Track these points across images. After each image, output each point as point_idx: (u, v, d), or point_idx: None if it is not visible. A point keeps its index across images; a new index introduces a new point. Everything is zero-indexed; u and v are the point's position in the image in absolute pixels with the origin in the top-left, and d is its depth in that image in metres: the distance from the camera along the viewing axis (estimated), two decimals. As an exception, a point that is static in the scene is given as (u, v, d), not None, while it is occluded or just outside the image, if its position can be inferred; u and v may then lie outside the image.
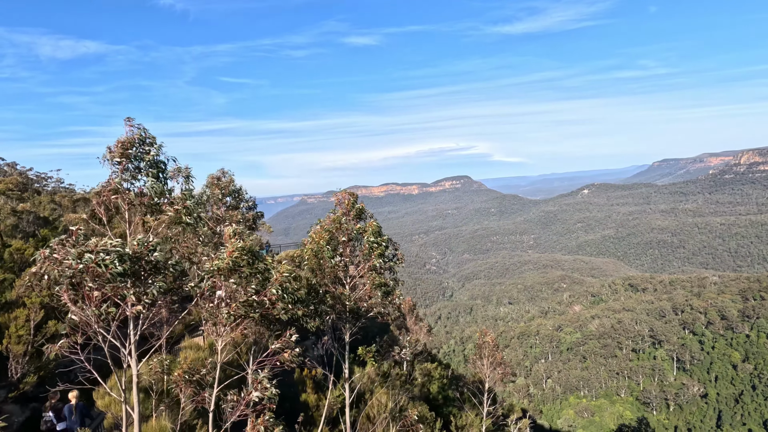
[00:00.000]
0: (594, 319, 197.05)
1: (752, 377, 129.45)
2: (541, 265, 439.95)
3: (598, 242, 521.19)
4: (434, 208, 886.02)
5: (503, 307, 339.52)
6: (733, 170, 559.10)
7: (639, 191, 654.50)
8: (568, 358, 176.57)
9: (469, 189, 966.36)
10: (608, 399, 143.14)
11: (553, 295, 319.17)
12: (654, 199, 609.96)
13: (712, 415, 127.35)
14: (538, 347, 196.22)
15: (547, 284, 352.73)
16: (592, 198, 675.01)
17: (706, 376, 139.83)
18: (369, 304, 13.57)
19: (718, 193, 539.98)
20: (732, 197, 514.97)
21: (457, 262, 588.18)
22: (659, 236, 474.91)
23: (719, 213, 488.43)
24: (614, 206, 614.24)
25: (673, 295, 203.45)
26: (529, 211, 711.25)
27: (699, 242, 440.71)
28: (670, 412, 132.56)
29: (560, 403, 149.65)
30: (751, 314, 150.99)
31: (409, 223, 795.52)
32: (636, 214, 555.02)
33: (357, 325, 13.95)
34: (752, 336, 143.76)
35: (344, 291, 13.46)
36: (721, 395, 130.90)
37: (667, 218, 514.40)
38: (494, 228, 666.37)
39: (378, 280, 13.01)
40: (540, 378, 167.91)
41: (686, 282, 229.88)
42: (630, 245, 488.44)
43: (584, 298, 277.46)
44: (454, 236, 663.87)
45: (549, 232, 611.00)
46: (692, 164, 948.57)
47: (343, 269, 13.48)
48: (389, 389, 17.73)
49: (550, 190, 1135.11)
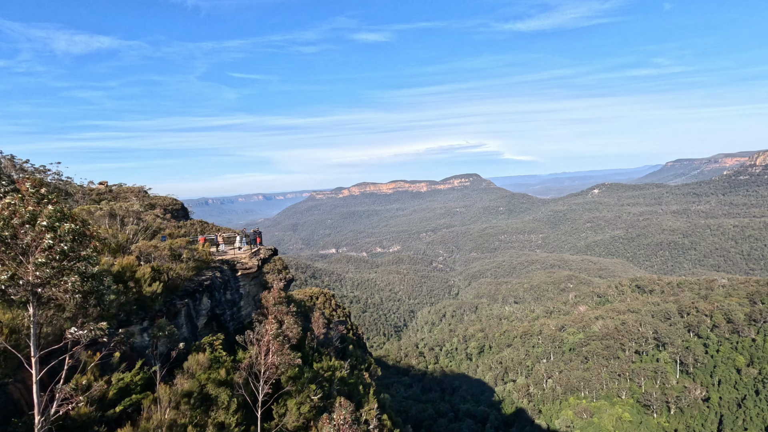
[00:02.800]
0: (598, 320, 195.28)
1: (756, 382, 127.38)
2: (548, 265, 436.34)
3: (607, 243, 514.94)
4: (442, 205, 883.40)
5: (508, 306, 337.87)
6: (748, 171, 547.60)
7: (650, 191, 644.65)
8: (570, 359, 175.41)
9: (478, 187, 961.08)
10: (608, 400, 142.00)
11: (559, 295, 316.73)
12: (666, 199, 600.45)
13: (713, 420, 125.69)
14: (540, 347, 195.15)
15: (553, 284, 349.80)
16: (602, 198, 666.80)
17: (709, 380, 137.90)
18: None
19: (732, 194, 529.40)
20: (746, 199, 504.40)
21: (464, 260, 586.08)
22: (670, 237, 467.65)
23: (732, 215, 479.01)
24: (624, 206, 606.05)
25: (680, 297, 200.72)
26: (537, 211, 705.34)
27: (711, 244, 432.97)
28: (671, 416, 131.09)
29: (560, 404, 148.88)
30: (758, 318, 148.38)
31: (417, 221, 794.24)
32: (647, 214, 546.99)
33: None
34: (758, 340, 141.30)
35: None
36: (724, 399, 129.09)
37: (678, 219, 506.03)
38: (502, 227, 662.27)
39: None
40: (541, 378, 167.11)
41: (694, 284, 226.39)
42: (640, 246, 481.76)
43: (590, 298, 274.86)
44: (461, 234, 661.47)
45: (557, 232, 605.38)
46: (707, 165, 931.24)
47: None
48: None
49: (561, 190, 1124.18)
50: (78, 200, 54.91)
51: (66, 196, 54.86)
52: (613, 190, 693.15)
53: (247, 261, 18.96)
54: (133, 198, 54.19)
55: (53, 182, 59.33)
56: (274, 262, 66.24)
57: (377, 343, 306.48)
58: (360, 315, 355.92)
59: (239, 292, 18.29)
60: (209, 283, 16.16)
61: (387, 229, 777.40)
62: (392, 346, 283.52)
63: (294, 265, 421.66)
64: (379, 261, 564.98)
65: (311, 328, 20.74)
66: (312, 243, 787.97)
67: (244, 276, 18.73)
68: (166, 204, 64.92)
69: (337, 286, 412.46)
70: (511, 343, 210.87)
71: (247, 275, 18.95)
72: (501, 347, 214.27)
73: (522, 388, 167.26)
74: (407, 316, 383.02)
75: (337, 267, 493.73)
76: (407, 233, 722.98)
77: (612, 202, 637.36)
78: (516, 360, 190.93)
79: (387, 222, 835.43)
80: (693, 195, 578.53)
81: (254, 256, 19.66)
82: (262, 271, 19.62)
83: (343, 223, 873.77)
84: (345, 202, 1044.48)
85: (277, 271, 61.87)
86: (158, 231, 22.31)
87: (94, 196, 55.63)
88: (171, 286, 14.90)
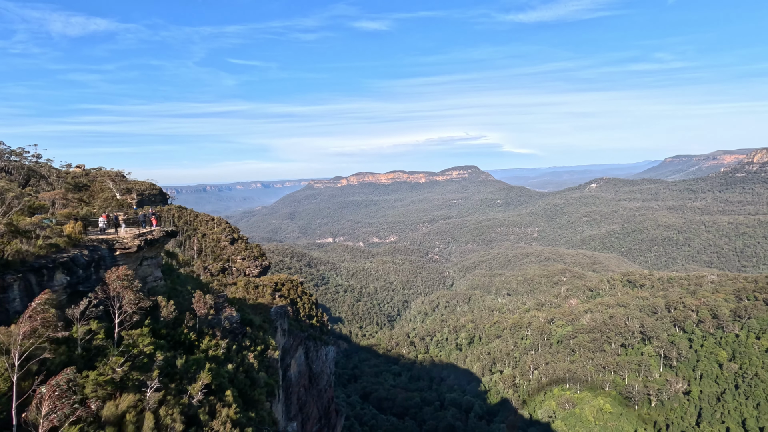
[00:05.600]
0: (587, 313, 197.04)
1: (736, 377, 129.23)
2: (543, 258, 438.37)
3: (602, 237, 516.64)
4: (440, 197, 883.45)
5: (501, 298, 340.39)
6: (746, 169, 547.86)
7: (647, 187, 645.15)
8: (557, 351, 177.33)
9: (476, 179, 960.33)
10: (592, 392, 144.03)
11: (552, 288, 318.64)
12: (662, 195, 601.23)
13: (692, 412, 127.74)
14: (528, 339, 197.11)
15: (546, 277, 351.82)
16: (599, 192, 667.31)
17: (691, 374, 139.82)
18: None
19: (728, 191, 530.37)
20: (742, 196, 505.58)
21: (460, 252, 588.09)
22: (665, 233, 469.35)
23: (728, 212, 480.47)
24: (621, 201, 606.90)
25: (668, 293, 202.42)
26: (535, 204, 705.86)
27: (705, 240, 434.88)
28: (652, 408, 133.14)
29: (544, 395, 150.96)
30: (742, 314, 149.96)
31: (414, 212, 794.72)
32: (643, 210, 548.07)
33: None
34: (741, 336, 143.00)
35: None
36: (704, 393, 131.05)
37: (674, 215, 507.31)
38: (499, 219, 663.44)
39: None
40: (527, 369, 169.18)
41: (684, 280, 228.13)
42: (635, 241, 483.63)
43: (582, 292, 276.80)
44: (458, 226, 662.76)
45: (554, 226, 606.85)
46: (705, 161, 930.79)
47: None
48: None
49: (559, 183, 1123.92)
50: (52, 183, 54.96)
51: (39, 178, 54.93)
52: (610, 185, 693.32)
53: (128, 241, 19.36)
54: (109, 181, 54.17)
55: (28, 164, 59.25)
56: (251, 249, 66.60)
57: (370, 332, 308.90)
58: (354, 304, 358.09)
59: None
60: (66, 260, 16.51)
61: (384, 219, 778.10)
62: (384, 335, 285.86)
63: (290, 254, 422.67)
64: (376, 251, 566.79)
65: (193, 309, 21.12)
66: (309, 232, 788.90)
67: (124, 256, 19.15)
68: (143, 189, 64.89)
69: (333, 275, 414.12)
70: (501, 335, 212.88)
71: (128, 255, 19.38)
72: (490, 338, 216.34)
73: (508, 378, 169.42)
74: (401, 305, 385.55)
75: (333, 256, 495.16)
76: (404, 224, 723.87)
77: (609, 197, 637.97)
78: (504, 351, 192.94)
79: (384, 212, 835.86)
80: (689, 191, 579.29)
81: (139, 237, 20.05)
82: (143, 250, 20.01)
83: (340, 213, 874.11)
84: (343, 192, 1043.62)
85: (253, 258, 62.27)
86: (39, 209, 22.04)
87: (69, 180, 55.68)
88: (7, 262, 14.99)
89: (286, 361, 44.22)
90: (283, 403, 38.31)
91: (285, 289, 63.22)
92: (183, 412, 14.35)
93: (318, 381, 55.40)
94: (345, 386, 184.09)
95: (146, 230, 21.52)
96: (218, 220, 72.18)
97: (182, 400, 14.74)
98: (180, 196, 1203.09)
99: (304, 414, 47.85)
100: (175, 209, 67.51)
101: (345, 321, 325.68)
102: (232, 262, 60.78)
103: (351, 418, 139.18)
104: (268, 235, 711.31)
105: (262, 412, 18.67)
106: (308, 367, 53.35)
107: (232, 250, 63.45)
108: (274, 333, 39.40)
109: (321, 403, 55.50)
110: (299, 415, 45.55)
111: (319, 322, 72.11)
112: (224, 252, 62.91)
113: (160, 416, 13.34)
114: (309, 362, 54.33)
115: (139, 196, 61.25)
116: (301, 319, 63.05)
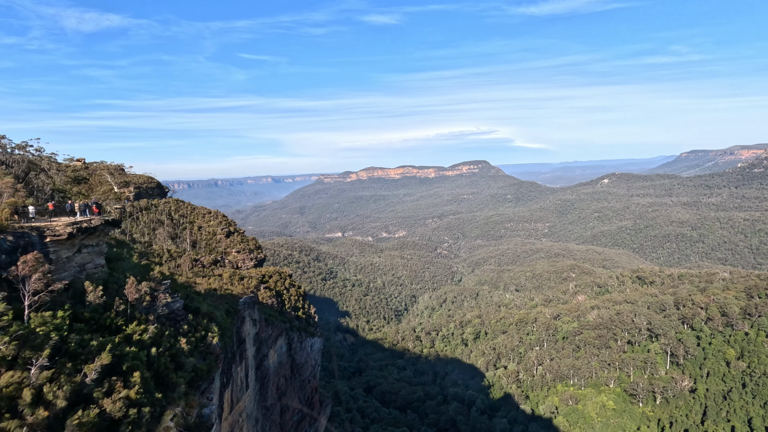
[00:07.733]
0: (593, 310, 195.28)
1: (744, 375, 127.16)
2: (552, 254, 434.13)
3: (613, 233, 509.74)
4: (450, 192, 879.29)
5: (509, 293, 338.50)
6: (764, 164, 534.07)
7: (661, 183, 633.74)
8: (562, 347, 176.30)
9: (487, 174, 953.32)
10: (596, 389, 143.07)
11: (560, 285, 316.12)
12: (676, 191, 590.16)
13: (698, 411, 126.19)
14: (534, 334, 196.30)
15: (555, 273, 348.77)
16: (611, 188, 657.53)
17: (698, 372, 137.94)
18: None
19: (744, 187, 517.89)
20: (760, 192, 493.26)
21: (469, 247, 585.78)
22: (678, 230, 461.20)
23: (744, 208, 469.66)
24: (634, 197, 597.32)
25: (678, 290, 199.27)
26: (545, 199, 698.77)
27: (719, 237, 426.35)
28: (656, 405, 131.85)
29: (547, 390, 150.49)
30: (753, 312, 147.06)
31: (424, 207, 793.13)
32: (656, 206, 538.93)
33: None
34: (751, 334, 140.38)
35: None
36: (710, 391, 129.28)
37: (688, 211, 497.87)
38: (509, 215, 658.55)
39: None
40: (531, 365, 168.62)
41: (695, 277, 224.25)
42: (647, 237, 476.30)
43: (590, 288, 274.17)
44: (467, 221, 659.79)
45: (564, 221, 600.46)
46: (722, 156, 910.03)
47: None
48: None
49: (571, 179, 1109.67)
50: (52, 176, 56.24)
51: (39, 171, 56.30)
52: (623, 180, 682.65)
53: (60, 229, 19.95)
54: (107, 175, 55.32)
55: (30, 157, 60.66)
56: (246, 242, 67.49)
57: (376, 326, 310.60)
58: (361, 298, 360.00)
59: (49, 257, 19.49)
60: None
61: (393, 214, 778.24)
62: (390, 329, 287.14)
63: (299, 248, 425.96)
64: (384, 246, 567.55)
65: (124, 293, 21.70)
66: (318, 226, 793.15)
67: (55, 243, 19.75)
68: (142, 182, 66.17)
69: (341, 269, 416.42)
70: (506, 330, 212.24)
71: (59, 242, 19.99)
72: (496, 333, 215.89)
73: (512, 374, 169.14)
74: (408, 300, 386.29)
75: (342, 250, 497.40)
76: (413, 219, 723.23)
77: (621, 193, 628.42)
78: (509, 346, 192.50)
79: (393, 207, 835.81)
80: (705, 187, 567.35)
81: (72, 225, 20.64)
82: (75, 238, 20.58)
83: (349, 207, 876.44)
84: (352, 187, 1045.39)
85: (248, 251, 63.08)
86: None
87: (69, 173, 56.89)
88: None
89: (262, 351, 44.89)
90: (257, 390, 39.06)
91: (272, 281, 63.97)
92: (74, 390, 14.95)
93: (301, 371, 56.11)
94: (350, 379, 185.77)
95: (82, 219, 22.20)
96: (215, 213, 73.21)
97: (74, 378, 15.32)
98: (192, 191, 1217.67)
99: (284, 403, 48.56)
100: (172, 202, 68.67)
101: (352, 315, 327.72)
102: (226, 254, 61.71)
103: (353, 411, 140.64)
104: (278, 229, 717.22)
105: (173, 395, 19.21)
106: (291, 357, 54.11)
107: (228, 242, 64.41)
108: (241, 322, 40.03)
109: (304, 393, 56.27)
110: (278, 404, 46.28)
111: (305, 314, 72.84)
112: (219, 244, 63.89)
113: (43, 392, 14.07)
114: (292, 353, 55.13)
115: (136, 189, 62.65)
116: (285, 311, 63.85)
